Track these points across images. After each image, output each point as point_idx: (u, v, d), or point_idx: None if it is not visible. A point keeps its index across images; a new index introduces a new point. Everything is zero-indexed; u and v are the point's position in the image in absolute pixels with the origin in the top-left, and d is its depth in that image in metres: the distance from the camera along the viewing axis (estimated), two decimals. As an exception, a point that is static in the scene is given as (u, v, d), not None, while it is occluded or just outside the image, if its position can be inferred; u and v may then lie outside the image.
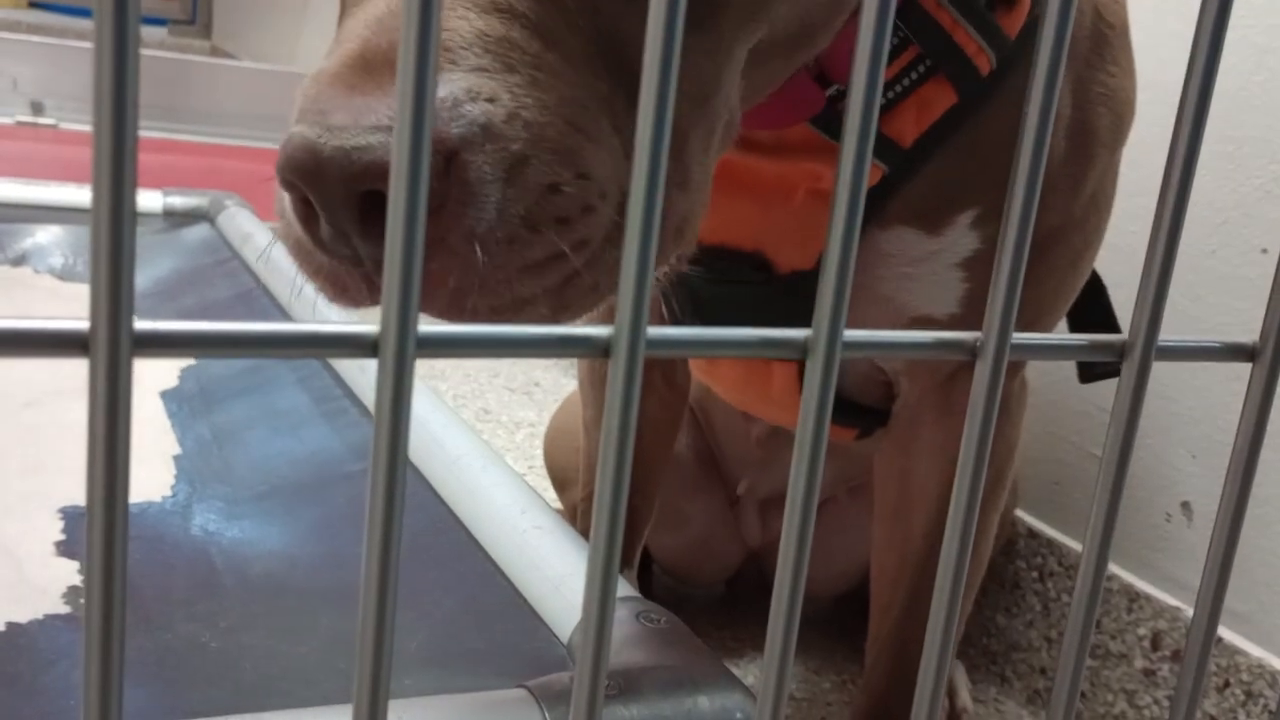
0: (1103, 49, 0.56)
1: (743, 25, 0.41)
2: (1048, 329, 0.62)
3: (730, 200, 0.55)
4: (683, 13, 0.23)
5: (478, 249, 0.35)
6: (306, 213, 0.35)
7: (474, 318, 0.36)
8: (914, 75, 0.52)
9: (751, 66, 0.43)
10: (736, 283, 0.57)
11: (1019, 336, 0.30)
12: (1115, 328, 0.69)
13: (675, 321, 0.62)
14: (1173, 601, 0.85)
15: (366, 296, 0.37)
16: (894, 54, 0.51)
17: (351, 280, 0.36)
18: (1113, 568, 0.89)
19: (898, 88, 0.52)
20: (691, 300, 0.60)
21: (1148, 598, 0.86)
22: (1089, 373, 0.70)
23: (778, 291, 0.57)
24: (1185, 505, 0.85)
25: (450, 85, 0.34)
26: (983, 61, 0.52)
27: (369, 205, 0.33)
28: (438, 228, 0.34)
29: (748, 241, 0.56)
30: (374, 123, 0.33)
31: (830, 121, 0.52)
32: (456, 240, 0.34)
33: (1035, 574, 0.95)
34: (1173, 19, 0.84)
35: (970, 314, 0.57)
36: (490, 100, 0.34)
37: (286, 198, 0.36)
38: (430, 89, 0.22)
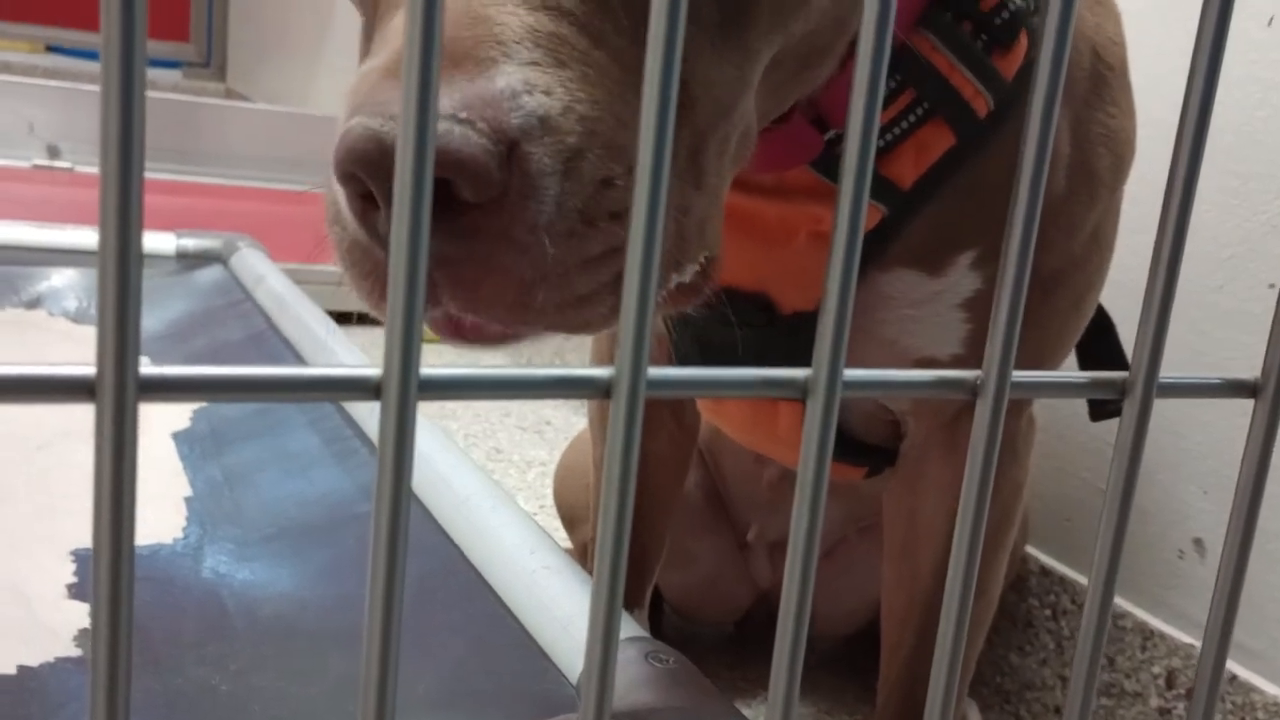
0: (1101, 89, 0.56)
1: (766, 36, 0.42)
2: (1052, 369, 0.62)
3: (733, 242, 0.55)
4: (683, 16, 0.24)
5: (545, 241, 0.34)
6: (364, 208, 0.35)
7: (540, 317, 0.36)
8: (912, 118, 0.52)
9: (760, 86, 0.44)
10: (740, 324, 0.57)
11: (1019, 374, 0.30)
12: (1124, 365, 0.69)
13: (680, 363, 0.63)
14: (1187, 639, 0.84)
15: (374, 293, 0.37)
16: (891, 97, 0.52)
17: (370, 277, 0.36)
18: (1126, 605, 0.89)
19: (896, 130, 0.52)
20: (696, 341, 0.61)
21: (1161, 635, 0.85)
22: (1099, 411, 0.70)
23: (781, 333, 0.57)
24: (1197, 542, 0.84)
25: (507, 77, 0.34)
26: (980, 104, 0.52)
27: (435, 195, 0.33)
28: (500, 219, 0.34)
29: (751, 283, 0.57)
30: (454, 111, 0.33)
31: (829, 165, 0.53)
32: (521, 232, 0.34)
33: (1048, 612, 0.94)
34: (1174, 56, 0.84)
35: (973, 354, 0.57)
36: (546, 93, 0.34)
37: (340, 199, 0.36)
38: (433, 104, 0.22)
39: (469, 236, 0.34)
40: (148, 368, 0.21)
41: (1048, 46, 0.27)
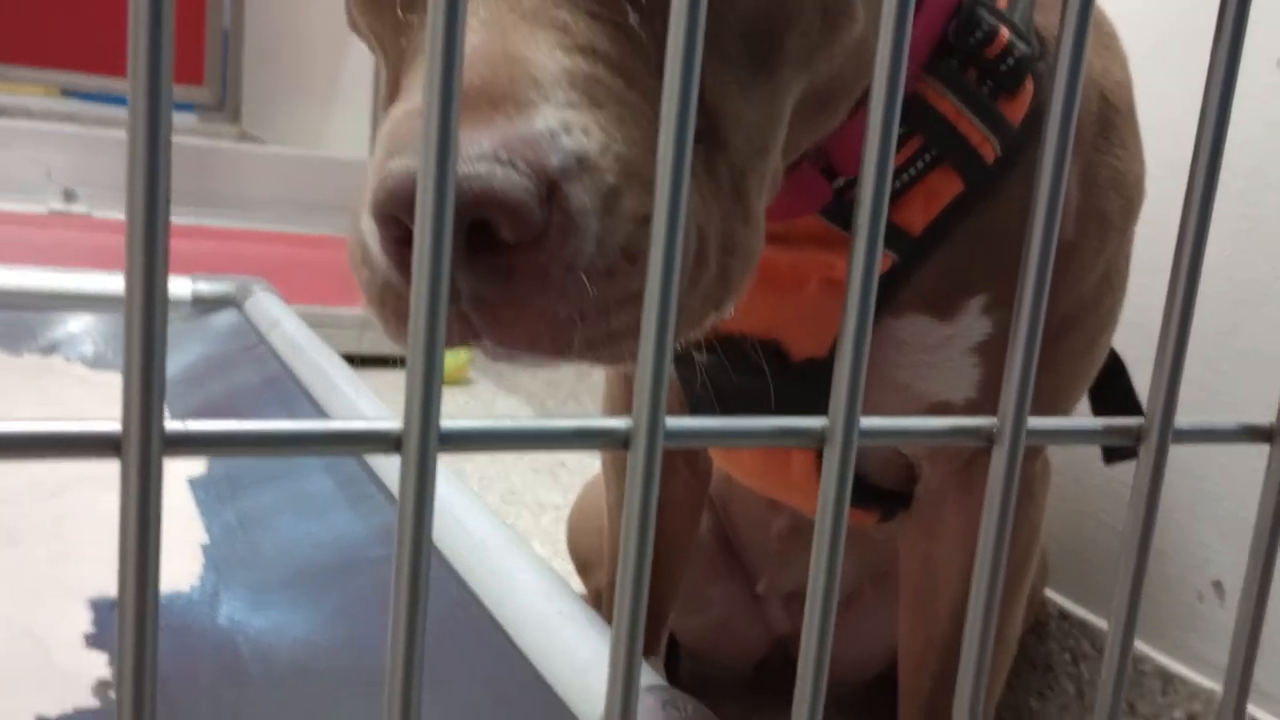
0: (1109, 132, 0.56)
1: (794, 75, 0.42)
2: (1066, 412, 0.62)
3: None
4: (698, 63, 0.24)
5: (584, 280, 0.35)
6: (401, 250, 0.35)
7: (577, 353, 0.36)
8: (920, 164, 0.52)
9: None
10: (753, 372, 0.57)
11: (1035, 421, 0.30)
12: (1137, 408, 0.69)
13: (694, 411, 0.63)
14: (1208, 683, 0.83)
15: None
16: (899, 144, 0.52)
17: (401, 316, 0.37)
18: (1146, 649, 0.88)
19: (904, 176, 0.52)
20: (710, 390, 0.61)
21: (1182, 680, 0.84)
22: (1113, 454, 0.70)
23: (794, 380, 0.57)
24: (1217, 584, 0.84)
25: (546, 118, 0.34)
26: (987, 150, 0.52)
27: (473, 237, 0.33)
28: (540, 258, 0.34)
29: (762, 330, 0.57)
30: (479, 153, 0.33)
31: (838, 213, 0.53)
32: (559, 271, 0.35)
33: (1068, 656, 0.93)
34: (1185, 98, 0.85)
35: (987, 399, 0.57)
36: (584, 132, 0.35)
37: (372, 240, 0.36)
38: (453, 148, 0.22)
39: (507, 276, 0.34)
40: (173, 423, 0.21)
41: (1058, 99, 0.28)
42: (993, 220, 0.54)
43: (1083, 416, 0.70)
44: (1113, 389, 0.67)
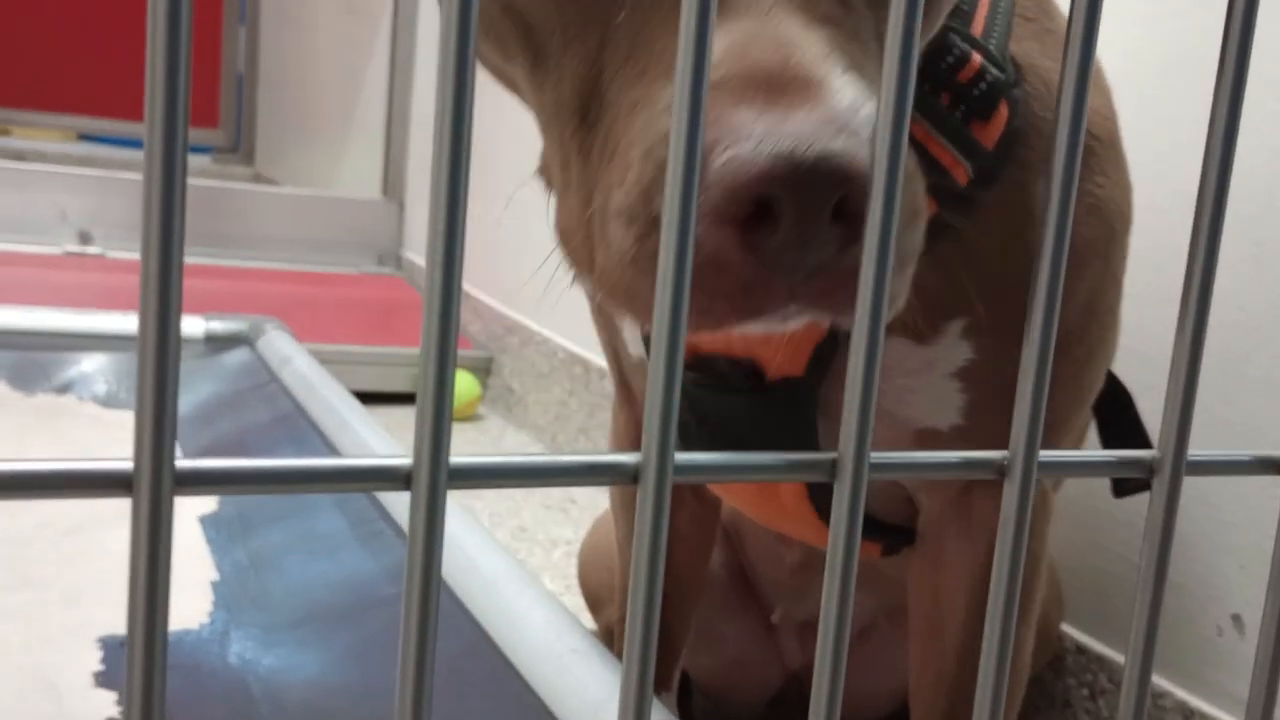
0: (1089, 160, 0.57)
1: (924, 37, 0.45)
2: (1064, 441, 0.62)
3: None
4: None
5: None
6: (747, 236, 0.36)
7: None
8: None
9: None
10: (732, 391, 0.58)
11: (1046, 454, 0.30)
12: (1145, 440, 0.69)
13: (680, 434, 0.63)
14: (1229, 718, 0.82)
15: (782, 304, 0.37)
16: None
17: (769, 293, 0.37)
18: (1166, 684, 0.87)
19: None
20: (691, 410, 0.61)
21: (1202, 714, 0.83)
22: (1122, 488, 0.69)
23: (773, 400, 0.57)
24: (1236, 618, 0.83)
25: (844, 91, 0.36)
26: (959, 173, 0.53)
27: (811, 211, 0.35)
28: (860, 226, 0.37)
29: (739, 349, 0.57)
30: (826, 129, 0.34)
31: None
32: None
33: (1086, 691, 0.92)
34: (1190, 128, 0.85)
35: (974, 425, 0.57)
36: (868, 99, 0.36)
37: (703, 223, 0.36)
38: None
39: (845, 245, 0.36)
40: (183, 461, 0.21)
41: (1062, 137, 0.28)
42: (968, 244, 0.54)
43: (1095, 449, 0.70)
44: (1120, 422, 0.67)
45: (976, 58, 0.53)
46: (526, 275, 1.87)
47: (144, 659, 0.21)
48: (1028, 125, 0.55)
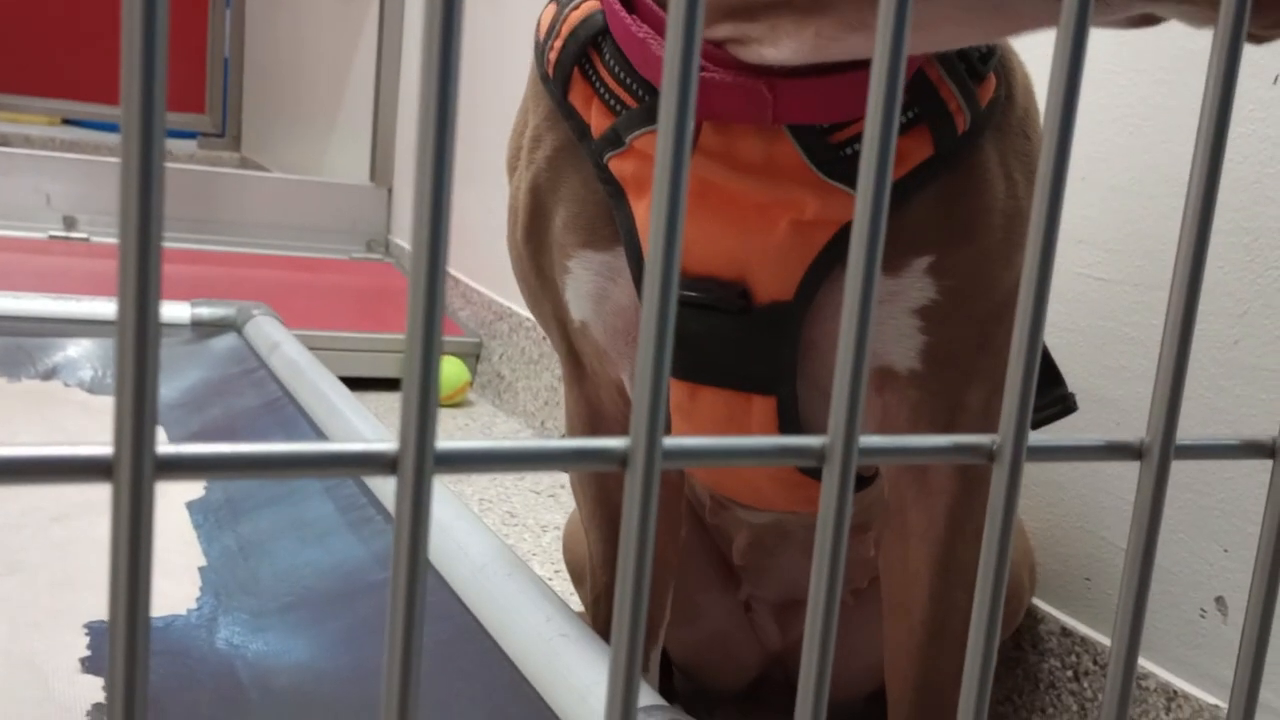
0: (1026, 120, 0.60)
1: None
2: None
3: (712, 227, 0.56)
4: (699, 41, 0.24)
5: None
6: None
7: None
8: (900, 122, 0.54)
9: None
10: (718, 311, 0.58)
11: (1035, 439, 0.30)
12: (1059, 379, 0.71)
13: None
14: (1211, 699, 0.83)
15: None
16: None
17: None
18: (1149, 665, 0.87)
19: None
20: (675, 332, 0.61)
21: (1186, 696, 0.84)
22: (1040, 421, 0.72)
23: (758, 323, 0.58)
24: (1219, 600, 0.83)
25: None
26: (960, 120, 0.55)
27: None
28: None
29: (729, 271, 0.58)
30: None
31: (819, 155, 0.54)
32: None
33: (1070, 673, 0.93)
34: (1182, 115, 0.85)
35: (928, 370, 0.59)
36: None
37: None
38: None
39: None
40: (165, 446, 0.21)
41: (1052, 127, 0.27)
42: (950, 188, 0.56)
43: (1085, 434, 0.70)
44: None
45: None
46: (515, 260, 1.86)
47: (126, 645, 0.20)
48: (1008, 98, 0.58)
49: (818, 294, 0.57)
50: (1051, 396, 0.71)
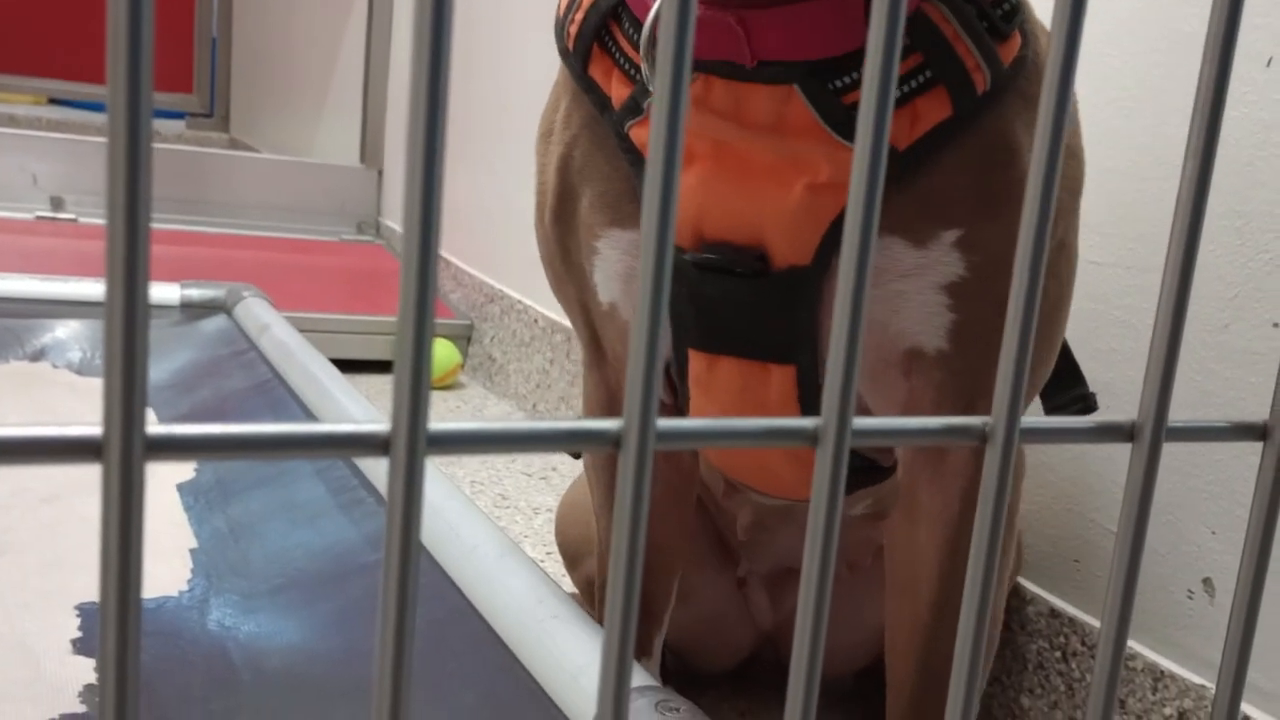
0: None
1: None
2: (1035, 388, 0.63)
3: (727, 192, 0.56)
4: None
5: None
6: None
7: None
8: (915, 83, 0.53)
9: None
10: (734, 275, 0.57)
11: (1028, 420, 0.30)
12: (1081, 378, 0.71)
13: (674, 321, 0.62)
14: (1198, 680, 0.83)
15: None
16: (901, 57, 0.53)
17: None
18: (1136, 646, 0.88)
19: (900, 91, 0.53)
20: (691, 299, 0.60)
21: (1172, 676, 0.84)
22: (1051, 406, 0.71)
23: (775, 288, 0.57)
24: (1207, 582, 0.84)
25: None
26: (979, 79, 0.53)
27: None
28: None
29: (746, 236, 0.57)
30: None
31: (832, 115, 0.53)
32: None
33: (1058, 654, 0.93)
34: (1176, 97, 0.85)
35: (956, 351, 0.57)
36: None
37: None
38: None
39: None
40: (155, 427, 0.21)
41: (1054, 68, 0.27)
42: (972, 153, 0.55)
43: (1075, 416, 0.70)
44: (1062, 358, 0.69)
45: None
46: (508, 244, 1.86)
47: (117, 627, 0.20)
48: (1032, 58, 0.56)
49: (835, 258, 0.56)
50: (1072, 395, 0.71)
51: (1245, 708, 0.79)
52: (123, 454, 0.20)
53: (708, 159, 0.56)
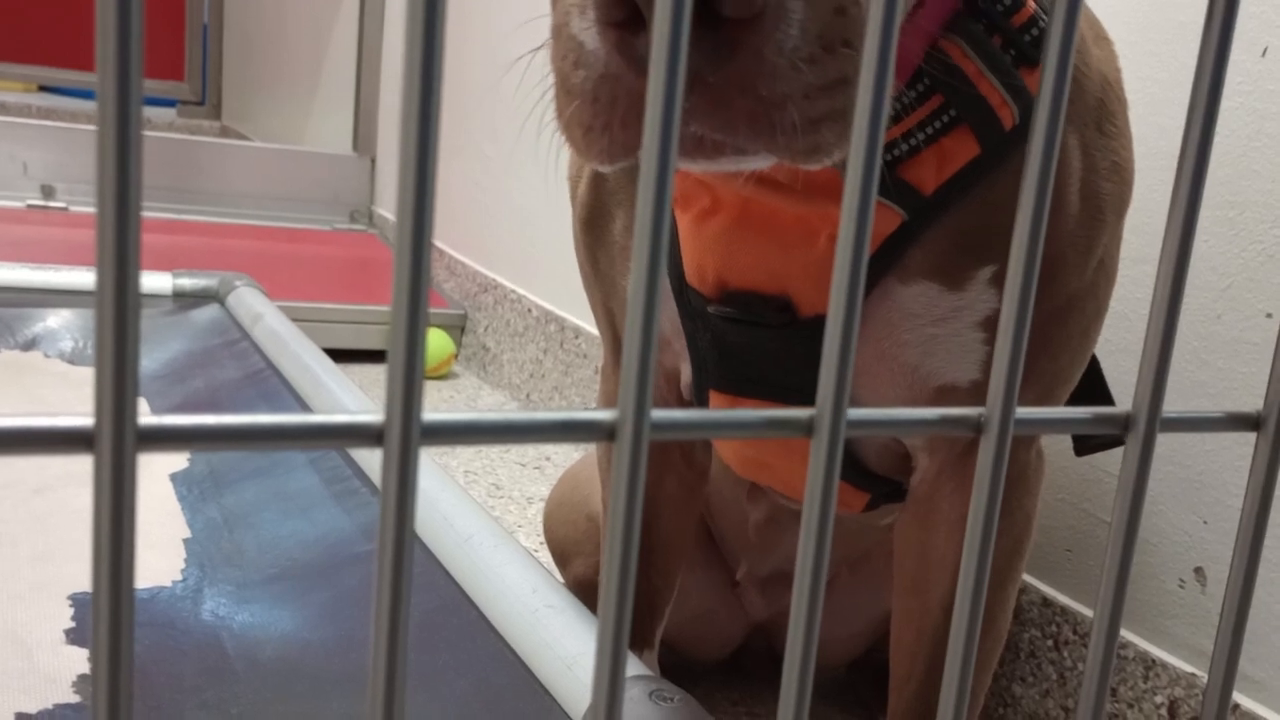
0: (1111, 119, 0.56)
1: None
2: (1062, 400, 0.62)
3: (753, 242, 0.55)
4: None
5: (791, 63, 0.37)
6: (621, 36, 0.36)
7: (779, 138, 0.38)
8: (938, 124, 0.52)
9: None
10: (760, 325, 0.57)
11: (1023, 411, 0.30)
12: (1109, 399, 0.69)
13: (697, 368, 0.62)
14: (1189, 668, 0.84)
15: (625, 128, 0.38)
16: (919, 101, 0.52)
17: (620, 109, 0.37)
18: (1128, 635, 0.88)
19: (922, 135, 0.52)
20: (716, 346, 0.60)
21: (1163, 665, 0.85)
22: (1084, 446, 0.70)
23: (801, 336, 0.57)
24: (1199, 571, 0.84)
25: None
26: (1006, 115, 0.52)
27: (696, 14, 0.35)
28: (756, 39, 0.36)
29: (771, 285, 0.56)
30: None
31: None
32: (772, 53, 0.37)
33: (1050, 642, 0.94)
34: (1173, 88, 0.85)
35: (987, 378, 0.56)
36: None
37: (590, 38, 0.37)
38: None
39: (726, 55, 0.36)
40: (146, 417, 0.21)
41: (1047, 86, 0.27)
42: (1005, 190, 0.53)
43: (1070, 406, 0.70)
44: (1086, 381, 0.67)
45: (1030, 4, 0.53)
46: (502, 234, 1.85)
47: (110, 617, 0.20)
48: (1077, 87, 0.54)
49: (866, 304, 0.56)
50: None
51: (1236, 696, 0.80)
52: (114, 445, 0.20)
53: (734, 215, 0.56)
